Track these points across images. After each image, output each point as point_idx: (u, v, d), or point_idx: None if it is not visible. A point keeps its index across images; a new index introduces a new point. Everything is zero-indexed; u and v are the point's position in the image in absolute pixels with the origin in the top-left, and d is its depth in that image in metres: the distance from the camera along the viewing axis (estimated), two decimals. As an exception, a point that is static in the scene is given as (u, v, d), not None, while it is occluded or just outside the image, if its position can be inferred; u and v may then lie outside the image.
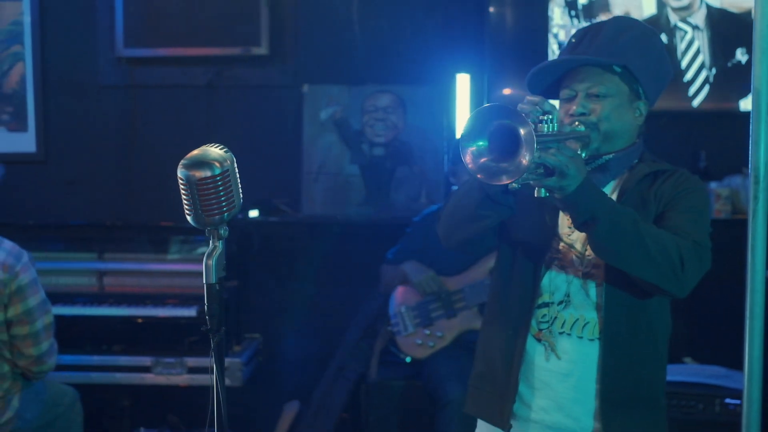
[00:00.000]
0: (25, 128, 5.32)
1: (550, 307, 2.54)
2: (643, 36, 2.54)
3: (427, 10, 5.16)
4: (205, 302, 2.17)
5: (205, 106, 5.25)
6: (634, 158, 2.57)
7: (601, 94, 2.47)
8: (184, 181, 2.07)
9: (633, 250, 2.33)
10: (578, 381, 2.51)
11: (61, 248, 4.91)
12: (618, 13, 4.87)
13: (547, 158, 2.21)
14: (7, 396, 3.78)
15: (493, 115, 2.17)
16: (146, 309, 4.61)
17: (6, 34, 5.27)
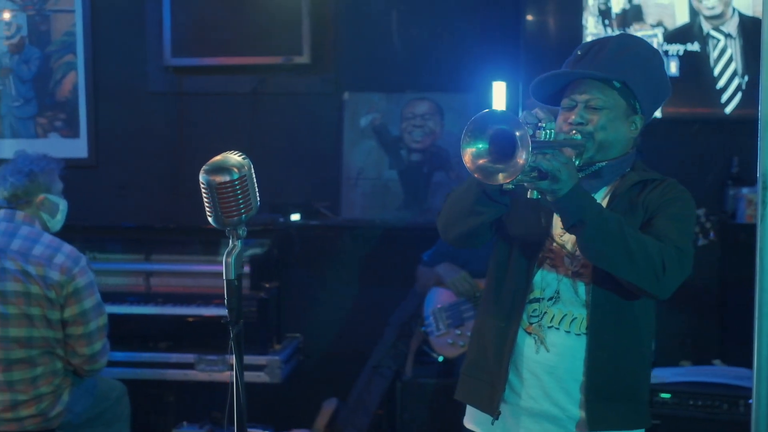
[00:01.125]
0: (78, 134, 5.50)
1: (540, 303, 2.69)
2: (644, 55, 2.68)
3: (464, 19, 5.27)
4: (224, 296, 2.30)
5: (249, 112, 5.38)
6: (626, 167, 2.72)
7: (599, 107, 2.62)
8: (205, 185, 2.24)
9: (617, 252, 2.47)
10: (565, 372, 2.66)
11: (111, 249, 5.08)
12: (651, 22, 4.95)
13: (541, 162, 2.35)
14: (58, 391, 3.96)
15: (492, 120, 2.32)
16: (190, 308, 4.77)
17: (59, 45, 5.45)
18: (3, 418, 3.87)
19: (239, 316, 2.33)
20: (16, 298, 3.84)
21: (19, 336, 3.85)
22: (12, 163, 4.11)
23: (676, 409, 4.22)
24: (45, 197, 4.06)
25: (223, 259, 2.32)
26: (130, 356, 4.71)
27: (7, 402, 3.86)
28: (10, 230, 3.96)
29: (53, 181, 4.13)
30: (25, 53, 5.48)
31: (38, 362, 3.89)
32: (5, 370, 3.84)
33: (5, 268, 3.86)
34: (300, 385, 5.19)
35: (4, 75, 5.49)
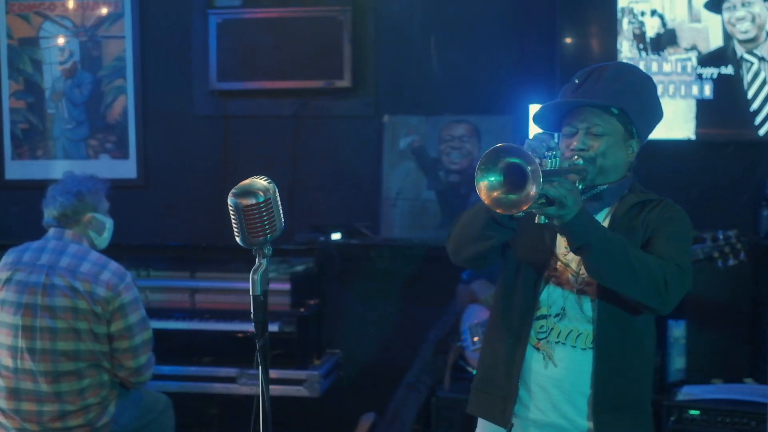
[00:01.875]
0: (127, 156, 5.67)
1: (547, 319, 2.80)
2: (639, 81, 2.83)
3: (501, 43, 5.37)
4: (252, 312, 2.46)
5: (291, 135, 5.51)
6: (625, 189, 2.84)
7: (599, 133, 2.75)
8: (233, 207, 2.38)
9: (622, 272, 2.60)
10: (571, 385, 2.77)
11: (158, 267, 5.22)
12: (685, 45, 5.00)
13: (549, 190, 2.47)
14: (104, 402, 4.11)
15: (504, 153, 2.44)
16: (233, 324, 4.87)
17: (110, 69, 5.63)
18: (52, 428, 4.01)
19: (264, 329, 2.46)
20: (64, 312, 4.00)
21: (66, 349, 3.99)
22: (61, 183, 4.27)
23: (704, 426, 4.28)
24: (92, 216, 4.22)
25: (250, 276, 2.45)
26: (175, 370, 4.83)
27: (56, 412, 4.00)
28: (59, 248, 4.12)
29: (100, 200, 4.29)
30: (77, 78, 5.66)
31: (85, 374, 4.03)
32: (54, 381, 3.99)
33: (54, 284, 4.02)
34: (339, 400, 5.27)
35: (58, 99, 5.67)
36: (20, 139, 5.75)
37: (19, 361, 4.02)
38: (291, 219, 5.39)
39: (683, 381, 4.71)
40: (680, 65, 5.04)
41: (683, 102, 5.04)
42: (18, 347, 4.02)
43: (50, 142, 5.72)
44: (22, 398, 4.02)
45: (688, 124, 5.04)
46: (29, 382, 4.01)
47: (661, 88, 5.03)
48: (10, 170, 5.76)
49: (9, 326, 4.06)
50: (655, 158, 5.07)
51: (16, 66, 5.72)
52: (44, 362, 3.99)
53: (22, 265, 4.10)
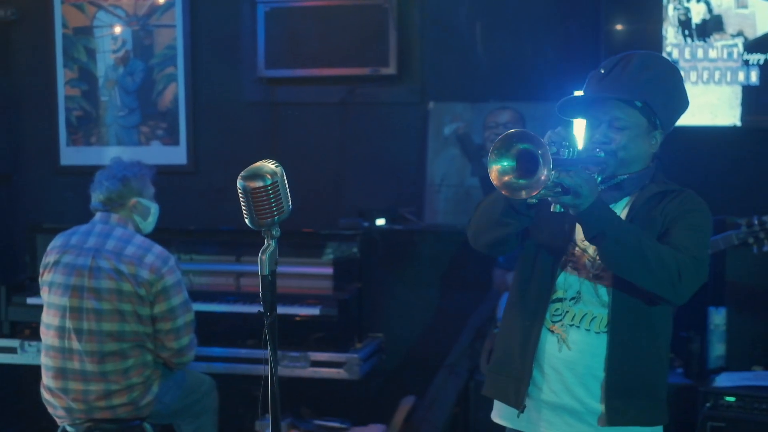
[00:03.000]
0: (178, 142, 5.75)
1: (563, 302, 2.84)
2: (664, 74, 2.83)
3: (546, 30, 5.37)
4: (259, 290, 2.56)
5: (338, 122, 5.57)
6: (646, 179, 2.87)
7: (622, 126, 2.78)
8: (241, 190, 2.46)
9: (635, 262, 2.63)
10: (584, 368, 2.81)
11: (205, 251, 5.32)
12: (731, 32, 4.95)
13: (564, 179, 2.52)
14: (148, 381, 4.22)
15: (517, 139, 2.49)
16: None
17: (162, 58, 5.72)
18: (97, 406, 4.13)
19: (273, 308, 2.53)
20: (109, 294, 4.11)
21: (112, 330, 4.11)
22: (107, 169, 4.38)
23: (740, 412, 4.26)
24: (137, 201, 4.33)
25: (259, 256, 2.54)
26: (220, 352, 4.90)
27: (101, 391, 4.12)
28: (105, 231, 4.24)
29: (145, 185, 4.39)
30: (129, 66, 5.76)
31: (129, 355, 4.14)
32: (99, 361, 4.10)
33: (100, 267, 4.13)
34: (380, 383, 5.36)
35: (111, 87, 5.79)
36: (75, 126, 5.88)
37: (67, 342, 4.14)
38: (337, 204, 5.50)
39: (723, 368, 4.70)
40: (726, 51, 5.00)
41: (729, 88, 5.00)
42: (65, 328, 4.14)
43: (103, 129, 5.84)
44: (69, 377, 4.14)
45: (734, 110, 5.00)
46: (76, 362, 4.13)
47: (707, 74, 5.01)
48: (65, 156, 5.89)
49: (57, 307, 4.18)
50: (700, 145, 5.10)
51: (71, 55, 5.83)
52: (90, 342, 4.11)
53: (69, 248, 4.22)
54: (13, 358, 5.04)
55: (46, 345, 4.24)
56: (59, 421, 4.27)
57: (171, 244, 5.17)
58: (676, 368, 4.85)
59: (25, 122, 5.99)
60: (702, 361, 4.72)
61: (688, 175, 5.04)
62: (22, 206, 5.97)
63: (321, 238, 5.17)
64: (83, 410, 4.16)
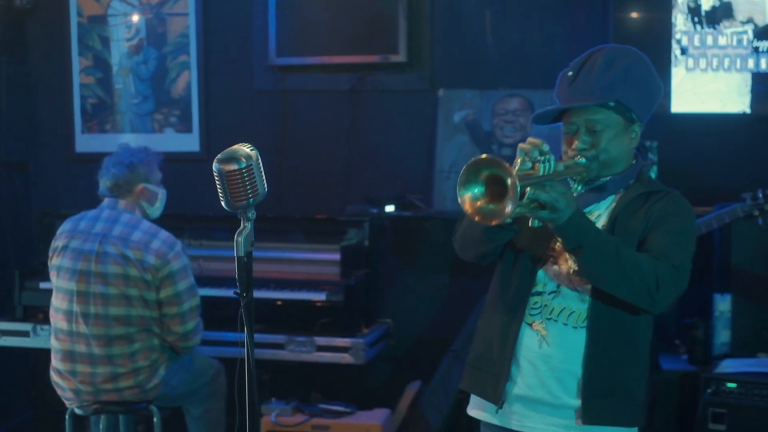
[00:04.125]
0: (190, 129, 5.79)
1: (542, 296, 2.83)
2: (631, 66, 2.79)
3: (555, 18, 5.37)
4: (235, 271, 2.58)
5: (348, 109, 5.58)
6: (630, 179, 2.87)
7: (599, 129, 2.77)
8: (216, 173, 2.51)
9: (613, 274, 2.64)
10: (560, 362, 2.80)
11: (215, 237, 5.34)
12: (741, 18, 4.93)
13: (539, 194, 2.53)
14: (154, 365, 4.28)
15: (484, 165, 2.48)
16: (283, 292, 4.97)
17: (175, 46, 5.75)
18: (104, 389, 4.21)
19: (249, 288, 2.56)
20: (116, 279, 4.18)
21: (118, 314, 4.18)
22: (115, 155, 4.44)
23: (741, 398, 4.27)
24: (144, 187, 4.38)
25: (235, 238, 2.58)
26: (228, 336, 4.92)
27: (108, 374, 4.19)
28: (112, 217, 4.29)
29: (152, 171, 4.45)
30: (143, 54, 5.80)
31: (136, 338, 4.21)
32: (106, 345, 4.17)
33: (107, 252, 4.20)
34: (386, 368, 5.39)
35: (125, 74, 5.83)
36: (89, 113, 5.93)
37: (74, 325, 4.22)
38: (346, 191, 5.53)
39: (728, 355, 4.70)
40: (736, 38, 4.99)
41: (738, 75, 4.99)
42: (73, 312, 4.21)
43: (118, 117, 5.89)
44: (77, 360, 4.22)
45: (743, 98, 4.99)
46: (83, 345, 4.20)
47: (716, 61, 5.00)
48: (80, 143, 5.95)
49: (65, 291, 4.25)
50: (709, 132, 5.13)
51: (86, 43, 5.88)
52: (97, 326, 4.18)
53: (77, 233, 4.28)
54: (25, 341, 5.10)
55: (55, 328, 4.31)
56: (68, 403, 4.34)
57: (184, 230, 5.23)
58: (681, 354, 4.85)
59: (40, 110, 6.05)
60: (706, 348, 4.73)
61: (696, 162, 5.11)
62: (37, 193, 6.03)
63: (329, 224, 5.19)
64: (90, 392, 4.23)
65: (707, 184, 5.06)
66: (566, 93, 2.82)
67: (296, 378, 5.25)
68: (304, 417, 4.93)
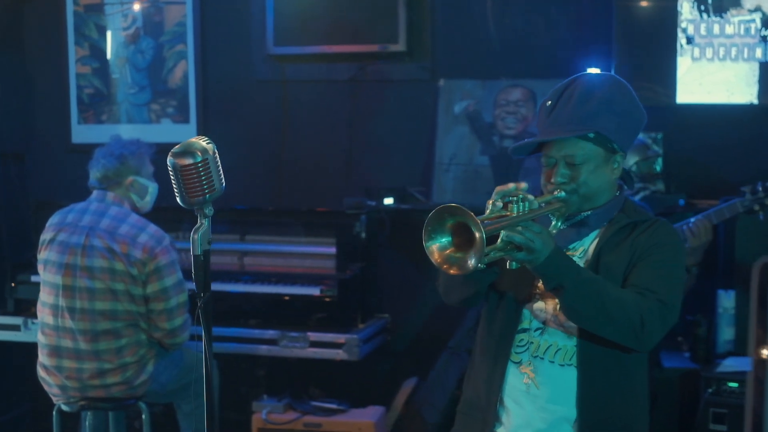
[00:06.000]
0: (188, 120, 5.72)
1: (527, 333, 2.73)
2: (610, 95, 2.66)
3: (558, 7, 5.28)
4: (192, 271, 2.48)
5: (347, 99, 5.51)
6: (614, 211, 2.75)
7: (578, 162, 2.64)
8: (170, 167, 2.41)
9: (596, 314, 2.53)
10: (547, 402, 2.69)
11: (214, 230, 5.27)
12: (749, 7, 4.85)
13: (513, 236, 2.42)
14: (142, 361, 4.21)
15: (448, 214, 2.38)
16: (277, 287, 4.91)
17: (171, 35, 5.68)
18: (91, 385, 4.14)
19: (206, 287, 2.47)
20: (102, 273, 4.10)
21: (104, 309, 4.10)
22: (106, 146, 4.37)
23: (742, 398, 4.17)
24: (134, 179, 4.30)
25: (191, 236, 2.49)
26: (223, 331, 4.86)
27: (95, 370, 4.12)
28: (100, 210, 4.22)
29: (143, 164, 4.37)
30: (140, 43, 5.73)
31: (123, 334, 4.13)
32: (92, 340, 4.10)
33: (93, 246, 4.12)
34: (383, 364, 5.29)
35: (121, 64, 5.77)
36: (86, 103, 5.87)
37: (60, 320, 4.15)
38: (345, 183, 5.47)
39: (731, 352, 4.59)
40: (743, 27, 4.89)
41: (746, 65, 4.90)
42: (59, 306, 4.15)
43: (114, 107, 5.82)
44: (63, 356, 4.15)
45: (751, 88, 4.90)
46: (69, 340, 4.14)
47: (723, 51, 4.92)
48: (76, 134, 5.89)
49: (51, 285, 4.19)
50: (716, 124, 5.05)
51: (82, 32, 5.82)
52: (83, 321, 4.11)
53: (65, 226, 4.22)
54: (17, 335, 5.07)
55: (41, 323, 4.25)
56: (54, 399, 4.28)
57: (182, 222, 5.14)
58: (684, 352, 4.75)
59: (36, 100, 6.00)
60: (709, 346, 4.63)
61: (702, 154, 5.01)
62: (34, 184, 5.99)
63: (325, 216, 5.11)
64: (77, 388, 4.16)
65: (713, 177, 4.98)
66: (545, 124, 2.70)
67: (292, 374, 5.17)
68: (296, 415, 4.85)
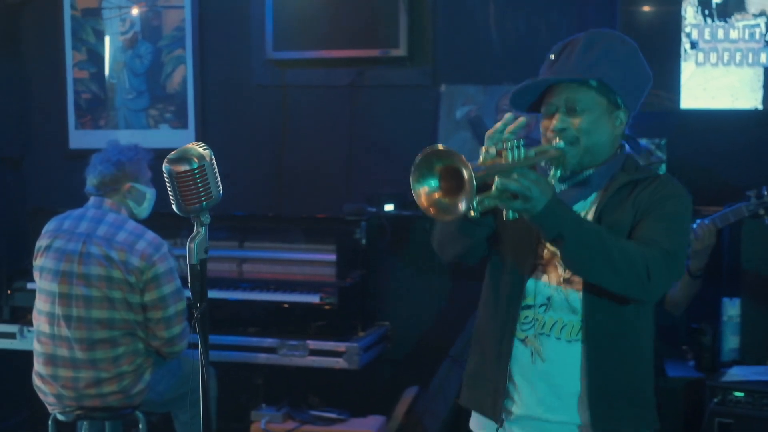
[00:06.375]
0: (186, 126, 5.67)
1: (532, 309, 2.66)
2: (616, 47, 2.62)
3: (561, 11, 5.21)
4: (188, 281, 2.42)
5: (348, 104, 5.45)
6: (615, 169, 2.67)
7: (579, 109, 2.58)
8: (166, 174, 2.35)
9: (599, 263, 2.46)
10: (557, 378, 2.64)
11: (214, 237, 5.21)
12: (753, 11, 4.80)
13: (509, 184, 2.35)
14: (139, 370, 4.15)
15: (436, 157, 2.31)
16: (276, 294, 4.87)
17: (170, 39, 5.63)
18: (87, 394, 4.09)
19: (203, 298, 2.41)
20: (99, 281, 4.05)
21: (101, 317, 4.05)
22: (103, 152, 4.33)
23: (749, 408, 4.09)
24: (131, 185, 4.25)
25: (187, 244, 2.43)
26: (221, 339, 4.81)
27: (91, 379, 4.07)
28: (97, 216, 4.17)
29: (141, 170, 4.32)
30: (138, 48, 5.68)
31: (120, 342, 4.08)
32: (89, 349, 4.05)
33: (90, 253, 4.07)
34: (384, 372, 5.25)
35: (119, 69, 5.72)
36: (83, 109, 5.82)
37: (56, 328, 4.10)
38: (346, 189, 5.41)
39: (736, 361, 4.52)
40: (748, 32, 4.83)
41: (750, 70, 4.84)
42: (55, 314, 4.11)
43: (112, 112, 5.77)
44: (59, 364, 4.10)
45: (755, 93, 4.84)
46: (65, 348, 4.09)
47: (727, 55, 4.86)
48: (73, 140, 5.84)
49: (47, 293, 4.14)
50: (720, 129, 4.98)
51: (80, 36, 5.77)
52: (79, 330, 4.06)
53: (61, 233, 4.17)
54: (12, 343, 5.02)
55: (37, 331, 4.21)
56: (50, 408, 4.24)
57: (180, 230, 5.09)
58: (688, 360, 4.68)
59: (34, 105, 5.96)
60: (714, 354, 4.55)
61: (707, 160, 4.95)
62: (30, 190, 5.94)
63: (324, 223, 5.07)
64: (73, 398, 4.12)
65: (718, 183, 4.90)
66: (546, 74, 2.66)
67: (291, 383, 5.12)
68: (295, 424, 4.81)
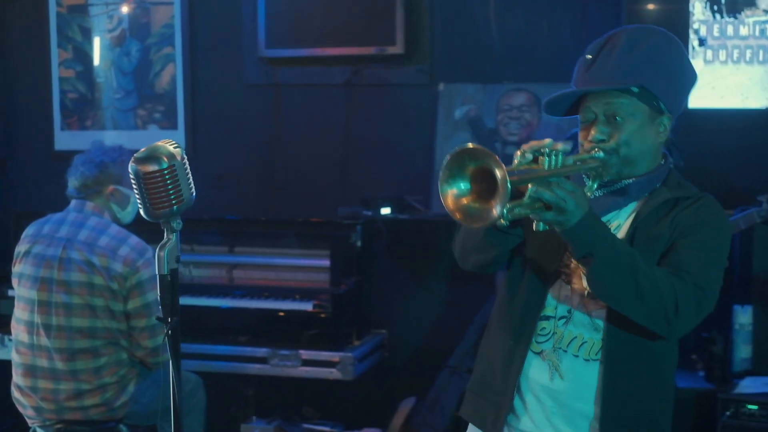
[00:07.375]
0: (176, 126, 5.56)
1: (550, 321, 2.49)
2: (658, 48, 2.43)
3: (563, 8, 5.10)
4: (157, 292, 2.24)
5: (343, 104, 5.35)
6: (657, 182, 2.48)
7: (620, 117, 2.38)
8: (132, 175, 2.17)
9: (626, 291, 2.28)
10: (569, 398, 2.47)
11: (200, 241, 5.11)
12: (764, 7, 4.70)
13: (543, 193, 2.16)
14: (123, 381, 3.99)
15: (470, 157, 2.12)
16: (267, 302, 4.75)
17: (158, 37, 5.53)
18: (68, 407, 3.93)
19: (174, 311, 2.23)
20: (80, 288, 3.89)
21: (82, 326, 3.89)
22: (85, 153, 4.18)
23: (764, 422, 3.96)
24: (115, 188, 4.09)
25: (156, 252, 2.25)
26: (209, 349, 4.70)
27: (71, 391, 3.91)
28: (78, 221, 4.02)
29: (125, 172, 4.13)
30: (126, 46, 5.57)
31: (102, 352, 3.92)
32: (69, 359, 3.90)
33: (71, 258, 3.91)
34: (379, 383, 5.10)
35: (107, 67, 5.61)
36: (69, 109, 5.71)
37: (35, 337, 3.96)
38: (341, 192, 5.30)
39: (748, 371, 4.37)
40: (758, 28, 4.72)
41: (761, 68, 4.73)
42: (34, 323, 3.96)
43: (99, 112, 5.66)
44: (39, 376, 3.95)
45: (766, 92, 4.73)
46: (45, 359, 3.94)
47: (737, 53, 4.77)
48: (59, 141, 5.73)
49: (26, 301, 4.00)
50: (730, 129, 4.86)
51: (66, 34, 5.66)
52: (59, 339, 3.91)
53: (40, 238, 4.03)
54: (-7, 352, 4.86)
55: (16, 341, 4.06)
56: (30, 421, 4.09)
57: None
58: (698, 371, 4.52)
59: (18, 105, 5.85)
60: (725, 364, 4.40)
61: (715, 162, 4.80)
62: (15, 193, 5.84)
63: (318, 227, 4.93)
64: (53, 410, 3.96)
65: (727, 185, 4.77)
66: (583, 78, 2.44)
67: (283, 394, 4.97)
68: (286, 437, 4.66)
